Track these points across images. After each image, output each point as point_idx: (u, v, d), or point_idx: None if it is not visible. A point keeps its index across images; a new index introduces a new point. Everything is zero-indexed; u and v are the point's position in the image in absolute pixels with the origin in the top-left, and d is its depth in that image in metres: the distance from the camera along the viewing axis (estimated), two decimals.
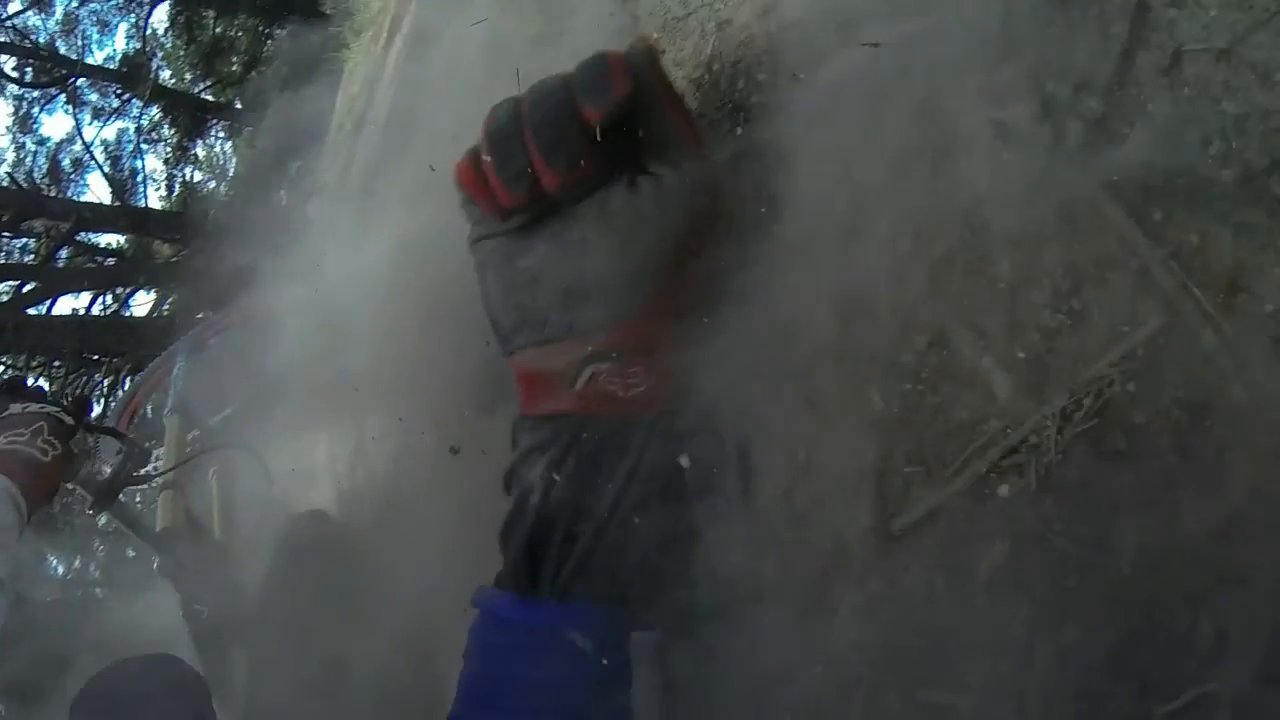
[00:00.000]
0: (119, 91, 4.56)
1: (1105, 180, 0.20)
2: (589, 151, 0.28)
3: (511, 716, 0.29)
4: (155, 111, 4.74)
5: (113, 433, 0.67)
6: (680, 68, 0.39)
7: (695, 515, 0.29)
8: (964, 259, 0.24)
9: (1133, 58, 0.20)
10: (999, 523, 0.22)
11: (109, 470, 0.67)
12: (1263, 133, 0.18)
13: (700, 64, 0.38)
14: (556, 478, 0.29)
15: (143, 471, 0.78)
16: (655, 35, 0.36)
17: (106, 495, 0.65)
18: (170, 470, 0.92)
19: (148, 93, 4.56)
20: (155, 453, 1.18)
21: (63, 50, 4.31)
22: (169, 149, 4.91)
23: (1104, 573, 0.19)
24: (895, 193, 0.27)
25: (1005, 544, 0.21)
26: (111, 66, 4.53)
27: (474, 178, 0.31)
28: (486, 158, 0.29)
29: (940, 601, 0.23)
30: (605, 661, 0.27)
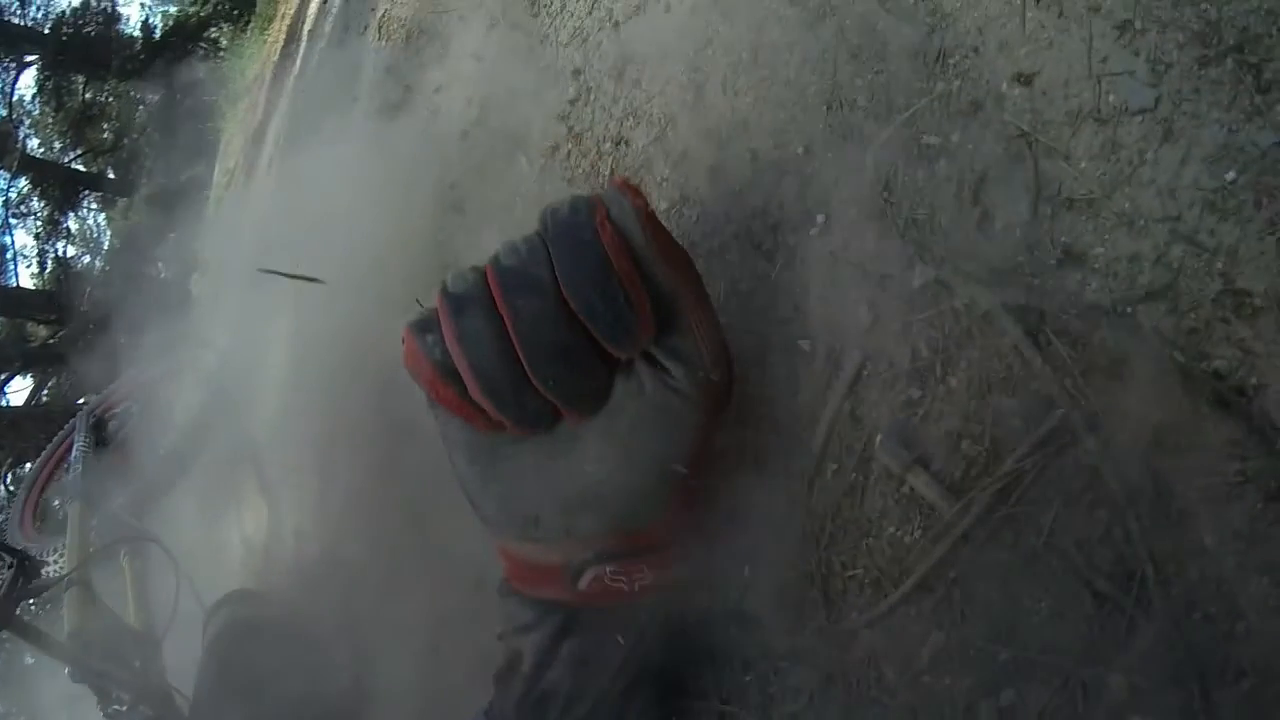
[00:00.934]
0: None
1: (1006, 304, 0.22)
2: (609, 376, 0.23)
3: None
4: (24, 183, 4.23)
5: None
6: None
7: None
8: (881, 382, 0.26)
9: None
10: (935, 616, 0.24)
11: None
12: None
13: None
14: (551, 655, 0.26)
15: (43, 576, 0.71)
16: (631, 180, 0.24)
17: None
18: (73, 570, 0.81)
19: (15, 164, 4.08)
20: (58, 545, 1.01)
21: None
22: (39, 223, 4.39)
23: (1031, 641, 0.21)
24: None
25: (942, 633, 0.23)
26: None
27: (455, 401, 0.24)
28: (477, 394, 0.23)
29: (889, 684, 0.25)
30: None
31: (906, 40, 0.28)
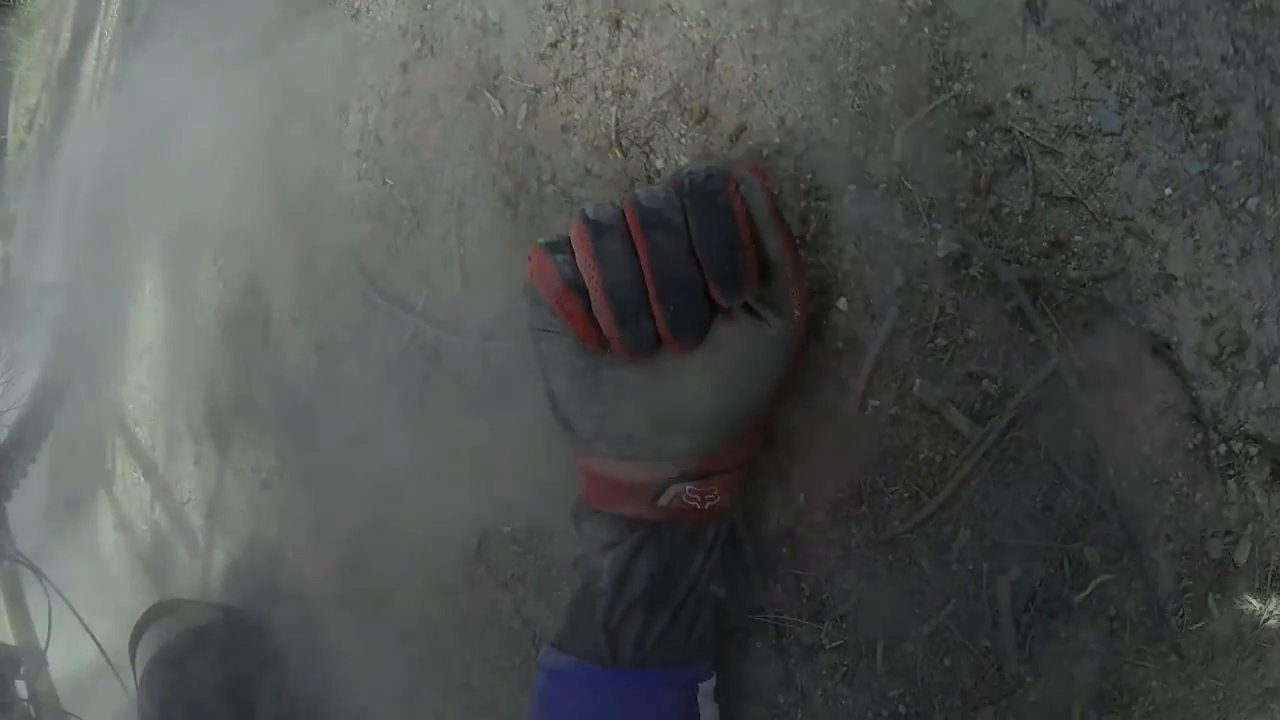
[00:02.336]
0: None
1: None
2: (711, 318, 0.24)
3: None
4: None
5: None
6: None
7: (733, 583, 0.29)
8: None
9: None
10: (962, 518, 0.29)
11: None
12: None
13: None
14: (632, 571, 0.27)
15: None
16: (761, 163, 0.28)
17: None
18: None
19: None
20: None
21: None
22: None
23: (1030, 530, 0.27)
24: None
25: (968, 530, 0.28)
26: None
27: (578, 314, 0.24)
28: (607, 315, 0.24)
29: (926, 575, 0.29)
30: (677, 713, 0.27)
31: (926, 39, 0.29)
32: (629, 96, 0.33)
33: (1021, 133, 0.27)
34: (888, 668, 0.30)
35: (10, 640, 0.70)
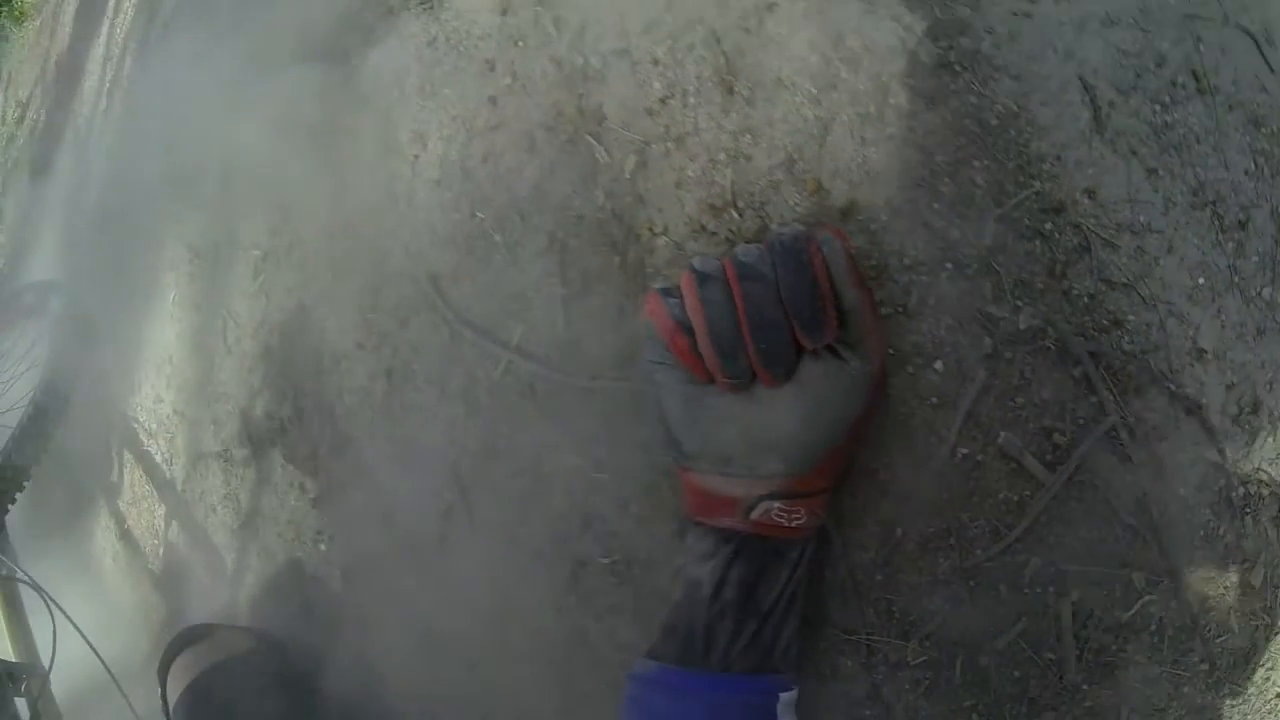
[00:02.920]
0: None
1: None
2: (798, 357, 0.33)
3: None
4: None
5: None
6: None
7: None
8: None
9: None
10: (1034, 549, 0.39)
11: None
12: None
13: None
14: (727, 578, 0.35)
15: None
16: (842, 228, 0.38)
17: None
18: None
19: None
20: None
21: None
22: None
23: (1087, 558, 0.38)
24: None
25: (1039, 559, 0.39)
26: None
27: (687, 350, 0.33)
28: (709, 350, 0.33)
29: (1003, 597, 0.39)
30: (758, 719, 0.36)
31: (1012, 140, 0.39)
32: (743, 161, 0.42)
33: (1088, 228, 0.37)
34: (964, 680, 0.40)
35: (11, 657, 0.73)
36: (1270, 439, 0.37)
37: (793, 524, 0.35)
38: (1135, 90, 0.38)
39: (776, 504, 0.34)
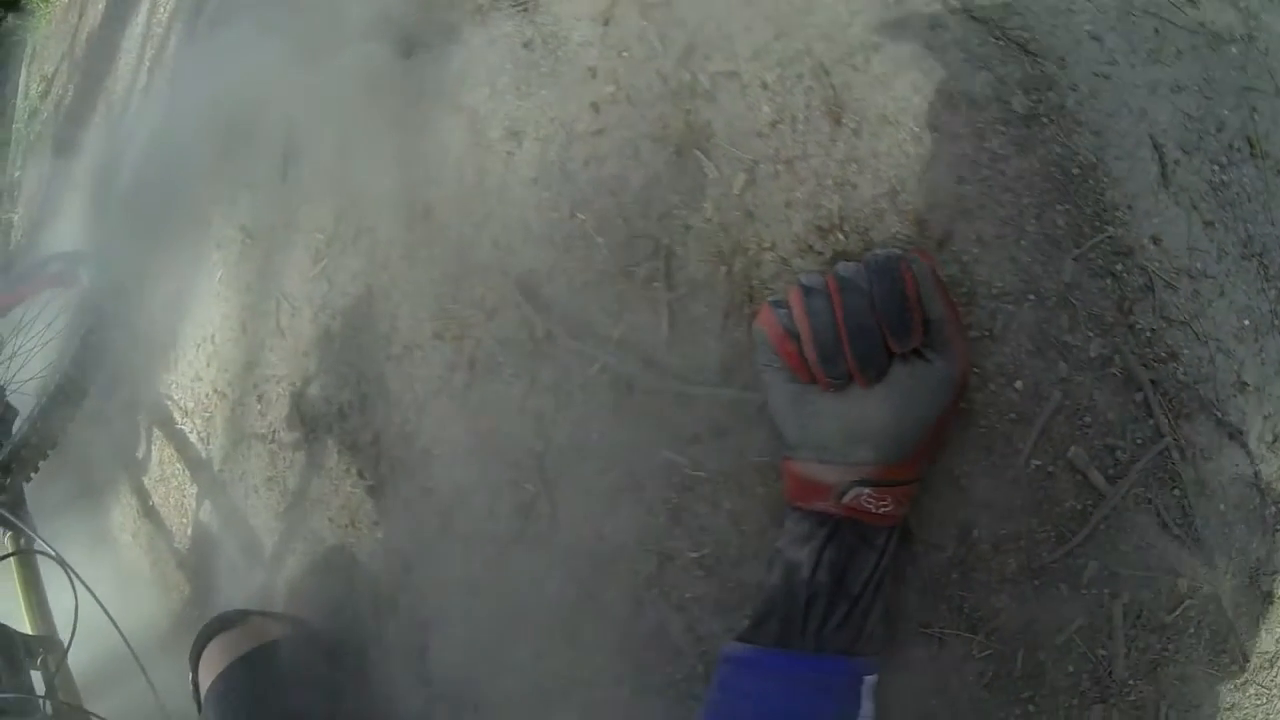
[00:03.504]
0: None
1: None
2: (889, 361, 0.44)
3: None
4: None
5: None
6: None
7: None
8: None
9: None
10: (1094, 552, 0.50)
11: None
12: None
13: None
14: (821, 560, 0.46)
15: None
16: (930, 253, 0.49)
17: None
18: None
19: None
20: None
21: None
22: None
23: (1140, 562, 0.49)
24: None
25: (1097, 562, 0.50)
26: None
27: (793, 354, 0.45)
28: (812, 354, 0.44)
29: (1064, 596, 0.51)
30: (844, 699, 0.46)
31: (1090, 188, 0.51)
32: (849, 189, 0.53)
33: (1152, 270, 0.49)
34: (1024, 673, 0.51)
35: (28, 629, 0.81)
36: None
37: (880, 510, 0.46)
38: (1197, 150, 0.50)
39: (866, 490, 0.45)
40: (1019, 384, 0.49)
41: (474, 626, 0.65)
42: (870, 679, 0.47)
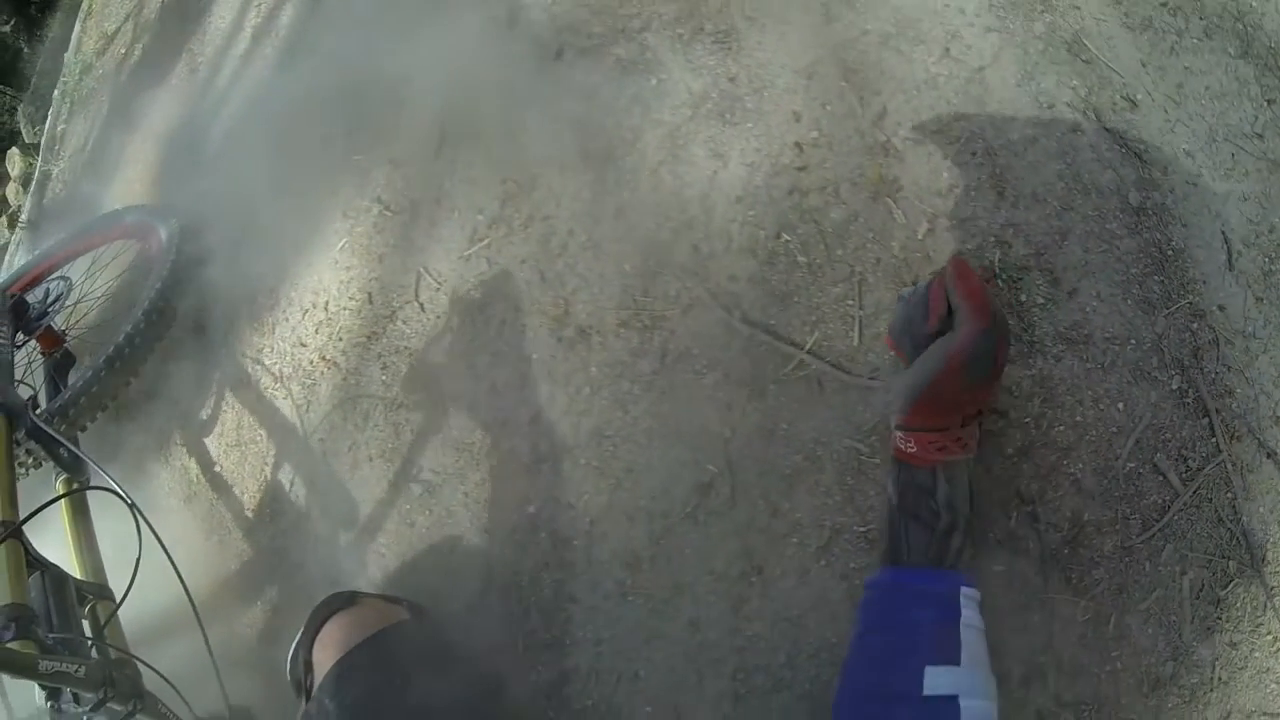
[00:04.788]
0: None
1: None
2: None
3: (904, 636, 0.90)
4: None
5: None
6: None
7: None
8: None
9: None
10: (1168, 538, 0.96)
11: None
12: None
13: None
14: (891, 491, 0.95)
15: None
16: (959, 259, 0.98)
17: None
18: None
19: None
20: None
21: None
22: None
23: (1199, 544, 0.96)
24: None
25: (1170, 545, 0.96)
26: None
27: (893, 345, 0.98)
28: (890, 342, 0.97)
29: (1147, 572, 0.96)
30: (943, 605, 0.92)
31: (1177, 265, 0.99)
32: (1006, 246, 1.00)
33: (1218, 330, 0.98)
34: (1114, 635, 0.97)
35: (76, 572, 1.11)
36: None
37: (908, 450, 0.95)
38: (1255, 245, 1.01)
39: (899, 434, 0.95)
40: (1121, 405, 0.97)
41: (630, 601, 1.04)
42: (968, 590, 0.93)
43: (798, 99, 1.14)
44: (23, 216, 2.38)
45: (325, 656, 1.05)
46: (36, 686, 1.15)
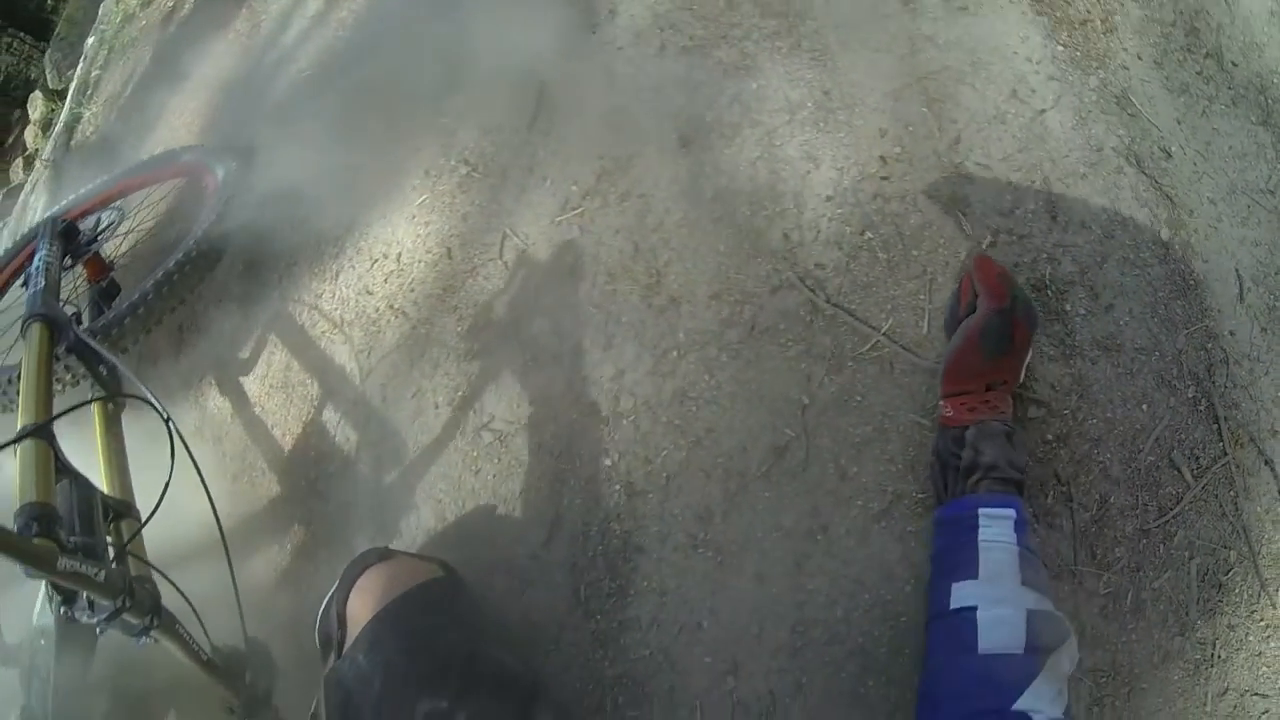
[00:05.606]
0: None
1: None
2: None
3: (934, 563, 1.09)
4: None
5: None
6: None
7: None
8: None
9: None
10: (1191, 518, 1.15)
11: None
12: None
13: None
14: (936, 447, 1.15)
15: None
16: (981, 254, 1.18)
17: None
18: (41, 422, 1.11)
19: None
20: (9, 376, 1.34)
21: None
22: None
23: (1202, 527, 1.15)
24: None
25: (1183, 531, 1.15)
26: None
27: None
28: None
29: (1161, 554, 1.14)
30: (975, 526, 1.10)
31: (1197, 298, 1.21)
32: (1056, 263, 1.20)
33: (1229, 352, 1.19)
34: (1130, 610, 1.14)
35: (104, 488, 1.16)
36: None
37: (945, 415, 1.15)
38: (1262, 284, 1.25)
39: (941, 403, 1.16)
40: (1145, 406, 1.17)
41: (699, 553, 1.17)
42: (990, 510, 1.08)
43: (884, 117, 1.33)
44: (44, 155, 2.46)
45: (362, 607, 1.09)
46: (43, 598, 1.19)
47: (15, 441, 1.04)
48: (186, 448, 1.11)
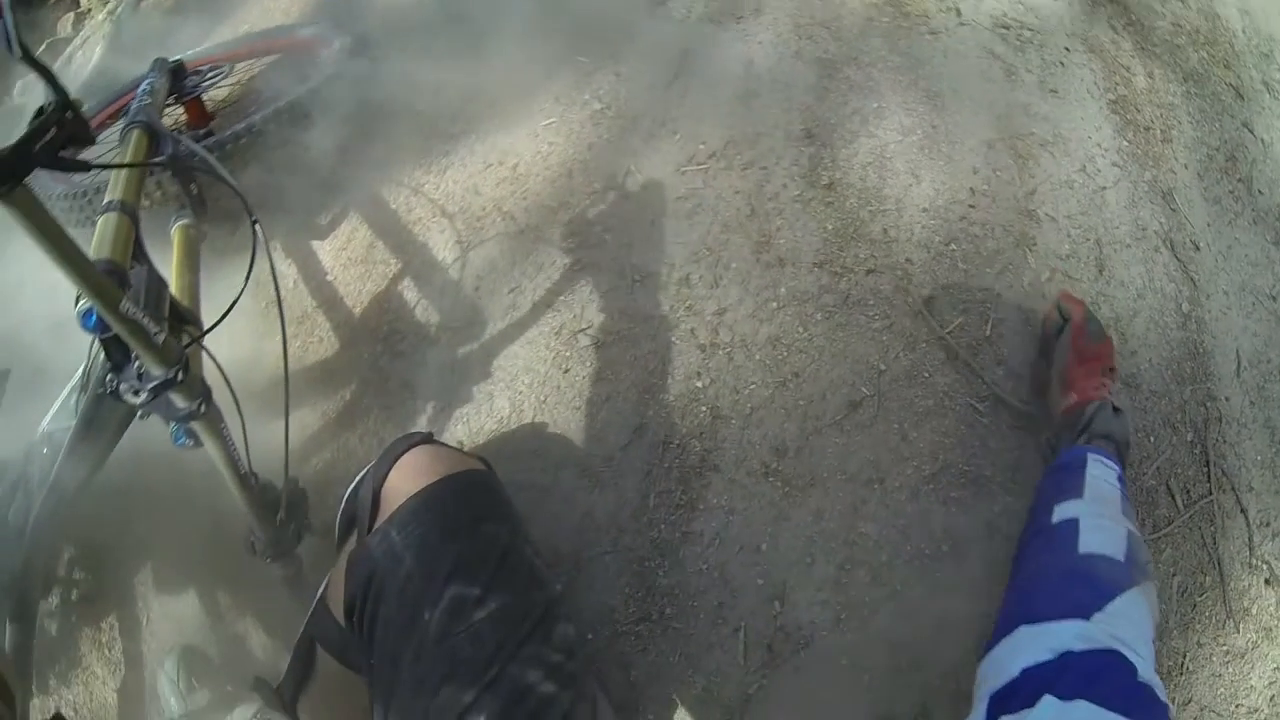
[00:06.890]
0: None
1: None
2: None
3: (1038, 495, 1.30)
4: None
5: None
6: None
7: None
8: None
9: None
10: (1192, 530, 1.41)
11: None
12: None
13: None
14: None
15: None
16: (1067, 293, 1.45)
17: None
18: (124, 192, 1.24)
19: None
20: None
21: None
22: None
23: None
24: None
25: (1194, 538, 1.41)
26: None
27: None
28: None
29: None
30: (1085, 463, 1.32)
31: (1204, 361, 1.52)
32: (1104, 301, 1.50)
33: (1224, 413, 1.50)
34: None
35: (174, 291, 1.22)
36: (1270, 534, 1.48)
37: (1070, 404, 1.40)
38: (1257, 366, 1.60)
39: (1068, 401, 1.40)
40: (1152, 438, 1.46)
41: (770, 482, 1.37)
42: (1097, 455, 1.28)
43: (978, 159, 1.62)
44: (111, 7, 2.51)
45: (402, 482, 1.09)
46: (79, 378, 1.25)
47: (104, 212, 1.10)
48: (268, 252, 1.15)
